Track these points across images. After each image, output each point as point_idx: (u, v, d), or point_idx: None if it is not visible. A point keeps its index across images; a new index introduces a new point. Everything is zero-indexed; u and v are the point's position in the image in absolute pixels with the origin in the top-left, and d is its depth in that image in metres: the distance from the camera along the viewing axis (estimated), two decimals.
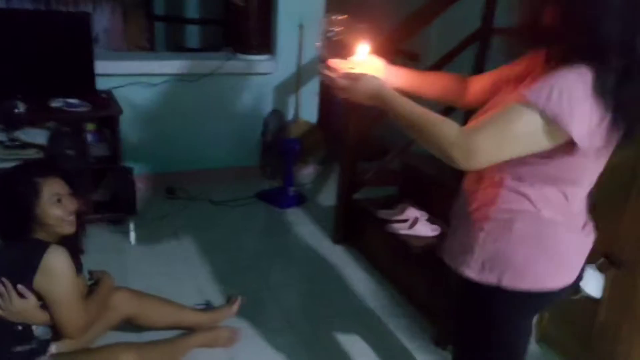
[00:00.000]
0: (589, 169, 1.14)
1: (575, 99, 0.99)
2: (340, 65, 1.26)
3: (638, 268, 1.78)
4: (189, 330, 2.05)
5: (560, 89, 0.99)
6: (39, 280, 1.51)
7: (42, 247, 1.52)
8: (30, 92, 2.64)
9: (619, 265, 1.82)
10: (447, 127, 1.08)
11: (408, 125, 1.14)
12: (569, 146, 1.03)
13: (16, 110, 2.58)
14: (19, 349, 1.56)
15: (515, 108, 1.03)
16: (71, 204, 1.61)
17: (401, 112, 1.15)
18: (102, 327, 1.84)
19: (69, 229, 1.61)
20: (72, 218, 1.62)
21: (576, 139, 1.01)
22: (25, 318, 1.54)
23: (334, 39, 1.29)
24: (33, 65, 2.65)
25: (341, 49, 1.28)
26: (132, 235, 2.71)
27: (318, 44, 1.32)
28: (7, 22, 2.66)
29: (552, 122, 1.00)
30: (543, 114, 1.00)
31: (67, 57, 2.70)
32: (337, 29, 1.29)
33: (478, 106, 1.25)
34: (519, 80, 1.15)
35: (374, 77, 1.21)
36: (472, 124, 1.09)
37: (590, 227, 1.28)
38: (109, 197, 2.89)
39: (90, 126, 2.77)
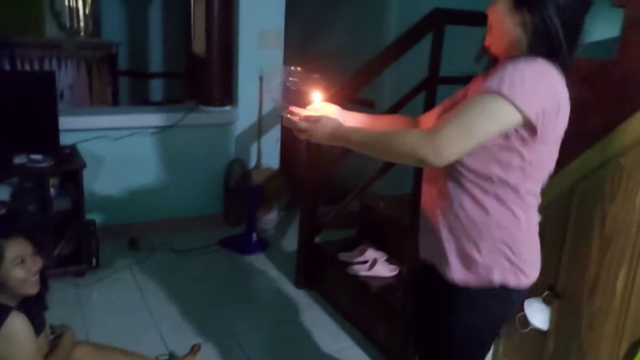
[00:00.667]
0: (546, 160, 1.26)
1: (527, 81, 1.11)
2: (302, 111, 1.36)
3: (579, 299, 1.88)
4: None
5: (512, 73, 1.12)
6: None
7: (2, 314, 1.50)
8: None
9: (562, 297, 1.94)
10: (408, 133, 1.17)
11: (373, 149, 1.22)
12: (528, 133, 1.15)
13: None
14: None
15: (473, 99, 1.14)
16: (34, 264, 1.59)
17: (362, 141, 1.24)
18: None
19: (32, 289, 1.59)
20: (36, 278, 1.59)
21: (528, 114, 1.11)
22: None
23: (292, 88, 1.42)
24: None
25: (298, 98, 1.41)
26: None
27: (273, 96, 1.45)
28: None
29: (507, 102, 1.10)
30: (499, 96, 1.10)
31: (31, 115, 2.75)
32: (294, 79, 1.43)
33: None
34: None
35: (331, 118, 1.31)
36: (433, 125, 1.19)
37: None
38: (71, 251, 2.90)
39: (53, 181, 2.81)
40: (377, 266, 2.64)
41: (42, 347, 1.69)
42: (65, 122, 2.92)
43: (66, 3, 5.34)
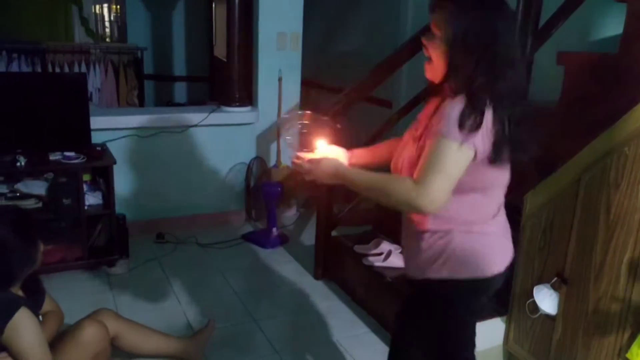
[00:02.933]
0: (496, 177, 1.41)
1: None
2: (306, 155, 1.51)
3: (586, 284, 1.96)
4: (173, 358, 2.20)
5: (454, 117, 1.28)
6: (7, 336, 1.59)
7: (13, 307, 1.60)
8: (30, 147, 2.87)
9: (570, 283, 2.01)
10: (402, 184, 1.31)
11: (372, 193, 1.38)
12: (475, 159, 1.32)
13: (17, 164, 2.79)
14: None
15: (437, 146, 1.29)
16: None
17: (358, 183, 1.40)
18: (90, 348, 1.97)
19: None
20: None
21: (476, 146, 1.29)
22: None
23: (303, 132, 1.59)
24: (33, 122, 2.87)
25: (309, 140, 1.57)
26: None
27: (288, 138, 1.62)
28: (9, 84, 2.90)
29: (460, 143, 1.27)
30: (453, 141, 1.27)
31: (64, 114, 2.93)
32: (304, 122, 1.60)
33: None
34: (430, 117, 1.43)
35: (332, 159, 1.46)
36: (417, 174, 1.31)
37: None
38: (103, 243, 3.07)
39: (85, 177, 2.97)
40: (391, 257, 2.74)
41: (51, 307, 1.87)
42: (96, 121, 3.09)
43: (93, 10, 5.58)
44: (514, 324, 2.29)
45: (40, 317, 1.88)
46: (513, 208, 2.25)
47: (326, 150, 1.56)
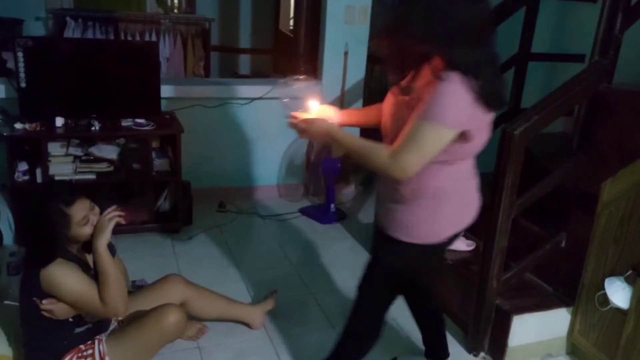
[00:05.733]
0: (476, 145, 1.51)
1: (452, 103, 1.37)
2: (301, 115, 1.65)
3: None
4: (235, 322, 2.28)
5: (440, 100, 1.37)
6: (45, 285, 1.65)
7: (50, 258, 1.66)
8: (104, 112, 2.98)
9: None
10: (380, 154, 1.45)
11: (351, 153, 1.52)
12: (467, 137, 1.43)
13: (92, 128, 2.92)
14: (77, 330, 1.78)
15: (418, 125, 1.40)
16: (95, 217, 1.75)
17: (345, 144, 1.53)
18: None
19: None
20: None
21: (458, 129, 1.40)
22: (68, 314, 1.73)
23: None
24: (107, 88, 2.97)
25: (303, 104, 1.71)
26: None
27: (285, 100, 1.81)
28: (84, 51, 3.01)
29: (443, 127, 1.39)
30: (436, 123, 1.38)
31: (136, 82, 3.01)
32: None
33: None
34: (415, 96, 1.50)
35: (324, 120, 1.60)
36: (395, 145, 1.44)
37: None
38: (169, 208, 3.18)
39: (155, 143, 3.07)
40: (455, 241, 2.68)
41: (120, 267, 1.87)
42: (165, 90, 3.16)
43: None
44: (580, 316, 2.19)
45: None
46: (588, 195, 2.15)
47: (319, 109, 1.69)
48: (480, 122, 1.45)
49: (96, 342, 1.80)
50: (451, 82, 1.36)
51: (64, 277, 1.66)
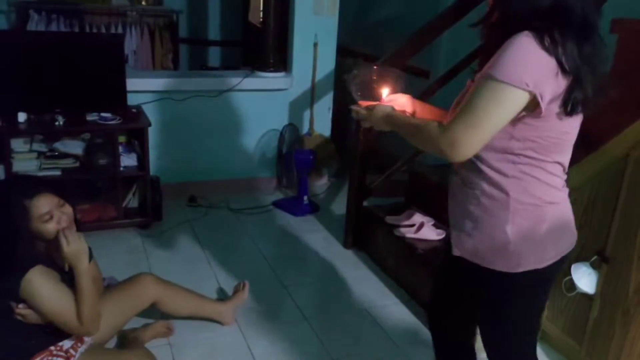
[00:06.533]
0: (562, 134, 1.23)
1: (517, 58, 1.12)
2: (365, 103, 1.51)
3: (628, 264, 1.89)
4: (207, 319, 2.26)
5: (503, 55, 1.13)
6: (24, 291, 1.60)
7: (29, 264, 1.60)
8: (69, 107, 2.90)
9: (611, 262, 1.95)
10: (430, 127, 1.23)
11: (408, 136, 1.34)
12: (537, 109, 1.15)
13: (56, 123, 2.84)
14: (47, 331, 1.71)
15: (476, 89, 1.16)
16: (62, 214, 1.67)
17: (402, 129, 1.36)
18: (129, 311, 2.03)
19: None
20: (67, 225, 1.68)
21: (531, 88, 1.11)
22: (41, 320, 1.67)
23: (366, 84, 1.58)
24: (71, 82, 2.89)
25: (371, 92, 1.57)
26: None
27: (355, 95, 1.58)
28: (48, 44, 2.92)
29: (507, 85, 1.11)
30: (498, 81, 1.12)
31: (101, 75, 2.94)
32: (369, 76, 1.59)
33: None
34: None
35: (385, 106, 1.46)
36: (449, 116, 1.25)
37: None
38: (138, 204, 3.12)
39: (121, 138, 3.01)
40: (423, 229, 2.70)
41: (95, 273, 1.83)
42: (132, 84, 3.09)
43: None
44: (548, 302, 2.23)
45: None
46: None
47: (392, 98, 1.53)
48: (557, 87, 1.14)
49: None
50: (522, 37, 1.12)
51: (44, 290, 1.61)
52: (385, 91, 1.56)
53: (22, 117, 2.81)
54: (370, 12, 4.92)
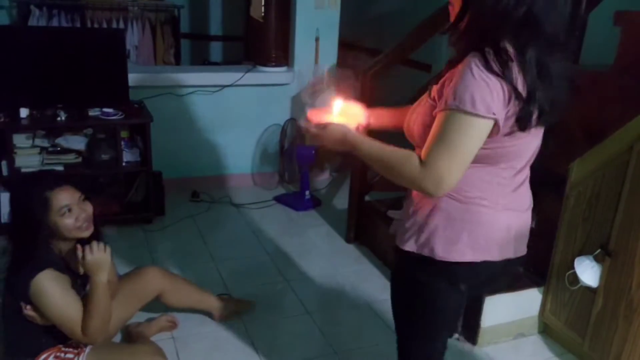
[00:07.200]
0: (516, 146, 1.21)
1: (476, 86, 1.09)
2: (316, 116, 1.39)
3: (631, 257, 1.89)
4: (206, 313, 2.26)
5: (464, 84, 1.10)
6: (32, 293, 1.59)
7: (35, 270, 1.58)
8: (71, 102, 2.90)
9: (614, 255, 1.94)
10: (410, 165, 1.15)
11: (376, 164, 1.24)
12: (495, 129, 1.13)
13: (58, 119, 2.84)
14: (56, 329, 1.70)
15: (446, 121, 1.12)
16: (82, 211, 1.66)
17: (366, 153, 1.25)
18: (136, 304, 2.03)
19: (83, 234, 1.67)
20: (87, 223, 1.67)
21: (496, 116, 1.10)
22: (49, 321, 1.66)
23: (318, 93, 1.46)
24: (73, 77, 2.89)
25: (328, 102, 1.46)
26: None
27: (308, 102, 1.47)
28: (49, 40, 2.92)
29: (477, 117, 1.10)
30: (467, 113, 1.10)
31: (103, 70, 2.93)
32: (321, 83, 1.47)
33: None
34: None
35: (339, 125, 1.31)
36: (424, 152, 1.15)
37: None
38: (140, 199, 3.12)
39: (123, 133, 3.01)
40: None
41: (110, 276, 1.79)
42: (133, 79, 3.09)
43: None
44: (551, 295, 2.24)
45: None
46: (557, 177, 2.18)
47: (342, 109, 1.43)
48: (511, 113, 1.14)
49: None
50: (474, 63, 1.11)
51: (51, 296, 1.59)
52: (337, 102, 1.44)
53: (24, 112, 2.82)
54: (372, 6, 4.89)
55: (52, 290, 1.59)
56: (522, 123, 1.14)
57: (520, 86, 1.11)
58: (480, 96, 1.09)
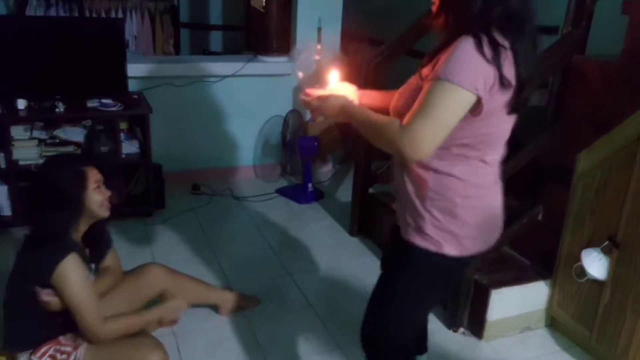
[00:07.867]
0: (499, 131, 1.30)
1: (465, 62, 1.16)
2: (315, 91, 1.45)
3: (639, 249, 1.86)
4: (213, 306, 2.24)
5: (453, 58, 1.17)
6: (55, 279, 1.61)
7: (65, 252, 1.61)
8: (69, 93, 2.86)
9: (622, 247, 1.91)
10: (390, 126, 1.22)
11: (365, 131, 1.31)
12: (478, 107, 1.20)
13: (56, 110, 2.80)
14: (59, 320, 1.70)
15: (431, 89, 1.18)
16: (106, 190, 1.77)
17: (360, 120, 1.32)
18: (138, 303, 1.99)
19: (106, 212, 1.76)
20: (107, 203, 1.77)
21: (479, 92, 1.16)
22: (62, 307, 1.66)
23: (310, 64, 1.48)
24: (71, 68, 2.85)
25: (317, 77, 1.51)
26: None
27: (299, 74, 1.50)
28: (47, 30, 2.87)
29: (459, 88, 1.16)
30: (451, 83, 1.15)
31: (101, 61, 2.89)
32: (318, 57, 1.48)
33: None
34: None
35: (339, 96, 1.40)
36: (406, 117, 1.21)
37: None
38: (140, 192, 3.09)
39: (123, 125, 2.97)
40: None
41: (112, 263, 1.91)
42: (132, 69, 3.05)
43: None
44: (558, 288, 2.21)
45: (97, 269, 1.88)
46: (564, 168, 2.15)
47: (337, 86, 1.51)
48: (498, 95, 1.22)
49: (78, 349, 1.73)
50: (468, 42, 1.17)
51: (75, 284, 1.63)
52: (333, 76, 1.51)
53: (21, 104, 2.78)
54: None
55: (77, 277, 1.63)
56: (514, 106, 1.24)
57: (509, 74, 1.19)
58: (468, 72, 1.16)
